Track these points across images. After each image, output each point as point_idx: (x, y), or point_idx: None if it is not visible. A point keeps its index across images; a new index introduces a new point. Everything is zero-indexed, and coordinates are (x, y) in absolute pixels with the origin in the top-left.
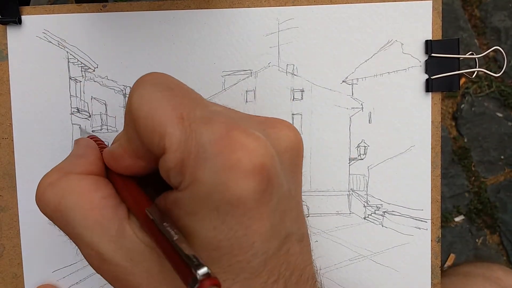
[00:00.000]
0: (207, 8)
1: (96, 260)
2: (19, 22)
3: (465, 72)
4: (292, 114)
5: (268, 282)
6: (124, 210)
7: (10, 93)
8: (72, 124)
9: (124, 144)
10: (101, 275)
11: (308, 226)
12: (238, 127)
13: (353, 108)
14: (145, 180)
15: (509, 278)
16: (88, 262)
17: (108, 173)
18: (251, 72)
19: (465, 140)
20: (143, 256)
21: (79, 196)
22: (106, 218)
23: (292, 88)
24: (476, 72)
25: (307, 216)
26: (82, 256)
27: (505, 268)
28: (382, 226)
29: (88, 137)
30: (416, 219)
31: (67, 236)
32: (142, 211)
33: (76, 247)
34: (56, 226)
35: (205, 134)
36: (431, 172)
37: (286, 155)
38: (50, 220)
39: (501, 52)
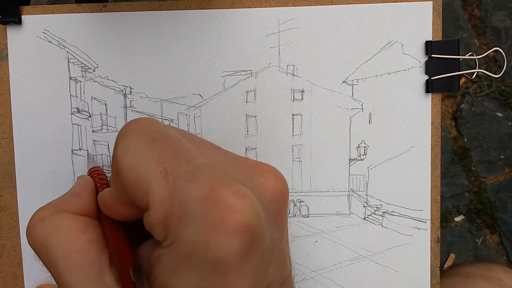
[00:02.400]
0: (207, 8)
1: None
2: (19, 22)
3: (465, 73)
4: (292, 114)
5: None
6: (106, 257)
7: (10, 93)
8: (72, 124)
9: (113, 193)
10: None
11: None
12: (223, 183)
13: (353, 108)
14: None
15: (510, 279)
16: None
17: (100, 216)
18: (252, 73)
19: (465, 140)
20: None
21: (66, 236)
22: (88, 263)
23: (292, 89)
24: (476, 72)
25: (307, 217)
26: None
27: (506, 268)
28: (382, 226)
29: (92, 168)
30: (415, 220)
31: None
32: (123, 268)
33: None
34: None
35: (189, 192)
36: (431, 173)
37: (271, 205)
38: (36, 253)
39: (501, 52)
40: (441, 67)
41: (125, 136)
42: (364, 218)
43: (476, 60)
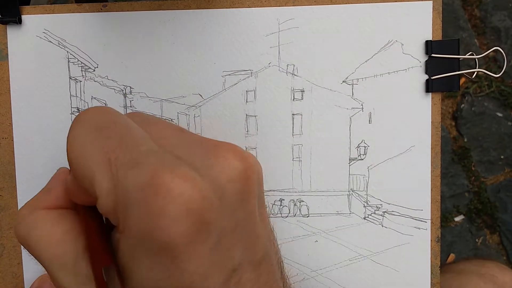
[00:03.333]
0: (207, 8)
1: None
2: (19, 21)
3: (465, 73)
4: (292, 114)
5: None
6: (82, 245)
7: (10, 93)
8: None
9: (72, 181)
10: None
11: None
12: (165, 168)
13: (353, 108)
14: None
15: (504, 275)
16: None
17: (75, 204)
18: (252, 72)
19: (465, 140)
20: None
21: (42, 231)
22: (64, 253)
23: (292, 88)
24: (476, 72)
25: (307, 216)
26: None
27: (500, 265)
28: (382, 226)
29: None
30: (415, 219)
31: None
32: (96, 265)
33: None
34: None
35: (131, 179)
36: (431, 172)
37: (229, 186)
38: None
39: (501, 52)
40: (441, 66)
41: (74, 126)
42: (364, 218)
43: (476, 60)
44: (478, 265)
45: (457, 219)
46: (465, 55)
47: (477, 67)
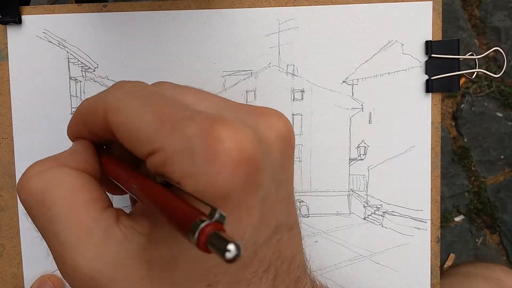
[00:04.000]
0: (207, 8)
1: (69, 263)
2: (19, 22)
3: (465, 73)
4: (292, 114)
5: (259, 271)
6: (113, 213)
7: (10, 93)
8: None
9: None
10: (69, 282)
11: (299, 216)
12: (221, 120)
13: (353, 108)
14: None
15: (510, 279)
16: (57, 264)
17: (102, 167)
18: (251, 72)
19: (465, 140)
20: (131, 260)
21: (68, 191)
22: (93, 220)
23: (292, 89)
24: (476, 72)
25: (307, 217)
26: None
27: (506, 268)
28: (382, 226)
29: None
30: (415, 220)
31: (39, 232)
32: (139, 178)
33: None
34: (29, 219)
35: (189, 129)
36: (431, 173)
37: (275, 144)
38: (28, 211)
39: (501, 52)
40: (441, 67)
41: (118, 89)
42: (364, 218)
43: (476, 60)
44: (484, 268)
45: (457, 219)
46: (465, 55)
47: (477, 67)
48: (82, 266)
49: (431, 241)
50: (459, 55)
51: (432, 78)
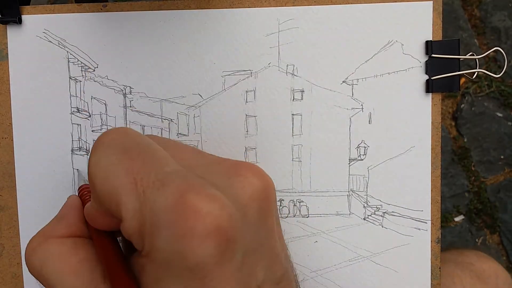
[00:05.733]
0: (207, 8)
1: None
2: (19, 21)
3: (465, 73)
4: (292, 114)
5: None
6: (100, 273)
7: (10, 93)
8: (72, 124)
9: (94, 205)
10: None
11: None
12: (192, 188)
13: (353, 108)
14: None
15: (482, 263)
16: None
17: (90, 232)
18: (251, 72)
19: (465, 140)
20: None
21: (57, 261)
22: (81, 283)
23: (292, 89)
24: (476, 72)
25: (307, 217)
26: None
27: (479, 252)
28: (382, 226)
29: (82, 186)
30: (416, 220)
31: None
32: (116, 283)
33: None
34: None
35: (158, 201)
36: (431, 173)
37: (251, 204)
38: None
39: (501, 52)
40: (441, 67)
41: (97, 149)
42: (364, 219)
43: (476, 60)
44: (456, 254)
45: (457, 219)
46: (465, 55)
47: (477, 67)
48: None
49: (431, 241)
50: (459, 55)
51: (432, 78)
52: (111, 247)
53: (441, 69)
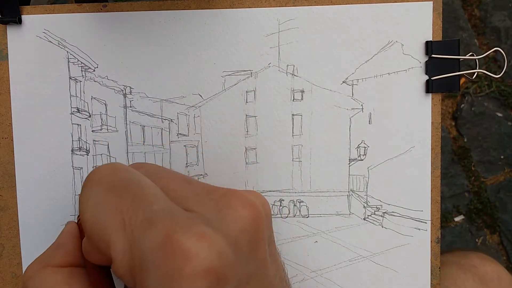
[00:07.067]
0: (207, 8)
1: None
2: (19, 21)
3: (465, 73)
4: (292, 114)
5: None
6: None
7: (10, 93)
8: (72, 124)
9: (87, 241)
10: None
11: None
12: (179, 228)
13: (353, 108)
14: None
15: (485, 266)
16: None
17: (85, 263)
18: (251, 73)
19: (465, 140)
20: None
21: None
22: None
23: (292, 89)
24: (476, 72)
25: (307, 217)
26: None
27: (482, 255)
28: (382, 227)
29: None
30: (416, 220)
31: None
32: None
33: None
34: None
35: (146, 241)
36: (431, 173)
37: (241, 237)
38: None
39: (501, 52)
40: (441, 67)
41: (86, 186)
42: (364, 219)
43: (476, 60)
44: (459, 256)
45: (457, 219)
46: (465, 56)
47: (477, 68)
48: None
49: (431, 241)
50: (459, 55)
51: (432, 78)
52: (105, 281)
53: (441, 69)
